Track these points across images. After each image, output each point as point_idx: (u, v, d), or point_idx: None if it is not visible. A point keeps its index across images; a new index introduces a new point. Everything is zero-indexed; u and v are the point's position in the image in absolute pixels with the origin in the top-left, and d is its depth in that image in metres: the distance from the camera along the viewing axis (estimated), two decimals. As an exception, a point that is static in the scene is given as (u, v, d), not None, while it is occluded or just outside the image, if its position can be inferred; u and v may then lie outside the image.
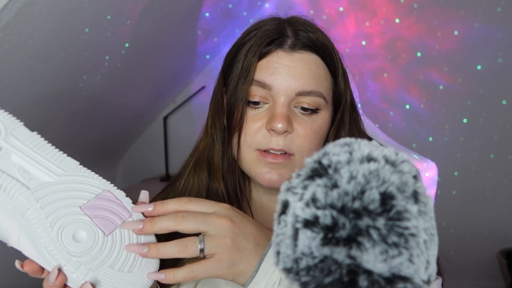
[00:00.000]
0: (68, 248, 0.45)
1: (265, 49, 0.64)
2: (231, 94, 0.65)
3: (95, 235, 0.47)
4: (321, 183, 0.31)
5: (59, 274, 0.44)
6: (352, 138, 0.34)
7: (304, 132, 0.63)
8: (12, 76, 1.26)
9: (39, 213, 0.45)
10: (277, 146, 0.62)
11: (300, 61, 0.63)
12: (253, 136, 0.64)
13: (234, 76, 0.65)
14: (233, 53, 0.68)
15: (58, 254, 0.45)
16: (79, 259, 0.45)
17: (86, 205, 0.48)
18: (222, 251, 0.48)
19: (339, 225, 0.30)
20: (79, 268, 0.45)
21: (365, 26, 2.48)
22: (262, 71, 0.63)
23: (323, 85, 0.65)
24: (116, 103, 2.03)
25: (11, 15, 1.06)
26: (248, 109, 0.64)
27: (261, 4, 2.47)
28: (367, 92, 2.52)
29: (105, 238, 0.47)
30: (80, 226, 0.47)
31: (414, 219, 0.30)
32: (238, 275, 0.49)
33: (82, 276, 0.45)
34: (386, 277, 0.29)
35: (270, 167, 0.63)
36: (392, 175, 0.31)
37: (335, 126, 0.69)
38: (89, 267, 0.45)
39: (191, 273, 0.47)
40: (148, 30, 1.74)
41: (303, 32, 0.65)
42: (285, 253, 0.32)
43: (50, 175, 0.49)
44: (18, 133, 0.50)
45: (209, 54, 2.50)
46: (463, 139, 2.51)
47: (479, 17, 2.37)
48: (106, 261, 0.46)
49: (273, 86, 0.63)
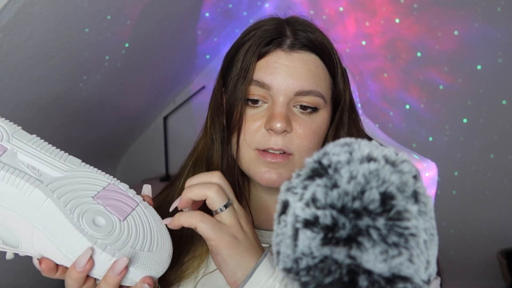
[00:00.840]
0: (91, 231, 0.47)
1: (264, 49, 0.64)
2: (230, 94, 0.65)
3: (112, 221, 0.49)
4: (321, 183, 0.31)
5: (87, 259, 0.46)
6: (352, 138, 0.34)
7: (303, 131, 0.63)
8: (12, 76, 1.26)
9: (57, 202, 0.47)
10: (276, 146, 0.62)
11: (299, 61, 0.63)
12: (252, 136, 0.64)
13: (233, 76, 0.65)
14: (232, 53, 0.68)
15: (83, 237, 0.46)
16: (104, 241, 0.47)
17: (98, 195, 0.51)
18: (234, 225, 0.52)
19: (339, 225, 0.30)
20: (106, 248, 0.46)
21: (365, 26, 2.48)
22: (261, 71, 0.63)
23: (322, 84, 0.65)
24: (116, 103, 2.03)
25: (11, 15, 1.06)
26: (247, 108, 0.64)
27: (261, 4, 2.48)
28: (367, 92, 2.52)
29: (121, 223, 0.50)
30: (97, 213, 0.49)
31: (414, 219, 0.30)
32: (231, 256, 0.51)
33: (109, 255, 0.46)
34: (386, 277, 0.29)
35: (269, 167, 0.64)
36: (392, 175, 0.31)
37: (334, 126, 0.69)
38: (115, 248, 0.47)
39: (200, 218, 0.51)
40: (148, 30, 1.74)
41: (302, 32, 0.65)
42: (285, 253, 0.32)
43: (58, 171, 0.51)
44: (19, 135, 0.52)
45: (209, 54, 2.50)
46: (463, 139, 2.51)
47: (479, 17, 2.37)
48: (128, 242, 0.49)
49: (272, 85, 0.63)
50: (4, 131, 0.51)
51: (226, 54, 0.70)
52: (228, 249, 0.50)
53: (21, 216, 0.47)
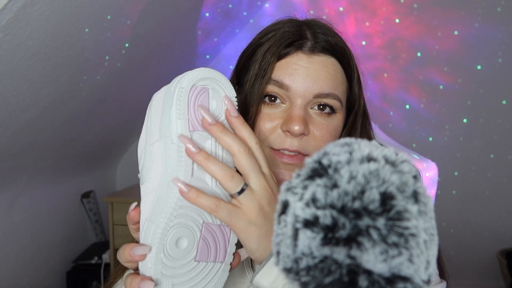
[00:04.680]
0: (166, 244, 0.46)
1: (284, 50, 0.64)
2: (247, 93, 0.65)
3: (189, 253, 0.48)
4: (321, 183, 0.31)
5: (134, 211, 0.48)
6: (352, 138, 0.34)
7: (320, 134, 0.64)
8: (12, 76, 1.26)
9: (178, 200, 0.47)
10: (292, 147, 0.62)
11: (319, 63, 0.64)
12: (267, 135, 0.64)
13: (251, 76, 0.65)
14: (249, 53, 0.68)
15: (157, 239, 0.46)
16: (163, 259, 0.46)
17: (206, 224, 0.49)
18: (252, 208, 0.49)
19: (339, 225, 0.30)
20: (157, 265, 0.46)
21: (365, 26, 2.48)
22: (281, 71, 0.64)
23: (340, 88, 0.65)
24: (116, 103, 2.03)
25: (11, 15, 1.06)
26: (264, 107, 0.65)
27: (261, 4, 2.48)
28: (367, 92, 2.51)
29: (192, 261, 0.48)
30: (189, 236, 0.48)
31: (414, 219, 0.30)
32: (247, 240, 0.49)
33: (152, 272, 0.46)
34: (386, 277, 0.29)
35: (285, 168, 0.64)
36: (392, 175, 0.31)
37: (346, 130, 0.69)
38: (163, 272, 0.46)
39: (214, 206, 0.47)
40: (148, 30, 1.74)
41: (322, 35, 0.65)
42: (285, 253, 0.32)
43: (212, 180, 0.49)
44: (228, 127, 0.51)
45: (209, 54, 2.50)
46: (463, 139, 2.51)
47: (479, 17, 2.37)
48: (176, 279, 0.47)
49: (291, 87, 0.63)
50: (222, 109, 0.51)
51: (242, 54, 0.70)
52: (244, 234, 0.49)
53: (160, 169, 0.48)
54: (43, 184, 2.01)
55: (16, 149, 1.57)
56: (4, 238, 1.76)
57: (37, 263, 2.00)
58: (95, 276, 2.18)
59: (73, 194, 2.32)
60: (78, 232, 2.38)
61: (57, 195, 2.18)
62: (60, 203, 2.21)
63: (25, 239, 1.90)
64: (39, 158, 1.80)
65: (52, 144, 1.79)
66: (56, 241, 2.18)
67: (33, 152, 1.70)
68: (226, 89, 0.52)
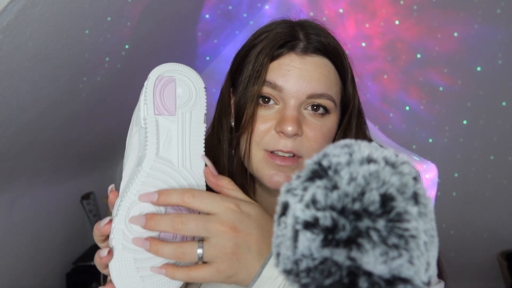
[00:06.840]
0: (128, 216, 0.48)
1: (277, 52, 0.64)
2: (241, 95, 0.65)
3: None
4: (321, 184, 0.31)
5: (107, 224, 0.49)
6: (352, 140, 0.34)
7: (313, 134, 0.64)
8: (12, 76, 1.26)
9: (144, 175, 0.49)
10: (286, 148, 0.62)
11: (312, 64, 0.64)
12: (262, 137, 0.64)
13: (245, 77, 0.65)
14: (243, 54, 0.68)
15: (119, 210, 0.48)
16: (125, 230, 0.48)
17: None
18: (221, 261, 0.46)
19: (339, 227, 0.30)
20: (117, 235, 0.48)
21: (365, 27, 2.48)
22: (274, 73, 0.64)
23: (333, 89, 0.65)
24: (116, 104, 2.03)
25: (11, 16, 1.06)
26: (258, 108, 0.65)
27: (261, 5, 2.48)
28: (367, 94, 2.52)
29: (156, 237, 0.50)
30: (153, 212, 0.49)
31: (414, 221, 0.30)
32: (237, 283, 0.48)
33: (114, 242, 0.48)
34: (386, 279, 0.29)
35: (278, 170, 0.64)
36: (392, 177, 0.31)
37: (341, 130, 0.69)
38: (124, 244, 0.48)
39: (188, 277, 0.47)
40: (148, 32, 1.74)
41: (315, 36, 0.65)
42: (285, 254, 0.32)
43: (179, 161, 0.52)
44: (196, 113, 0.54)
45: (209, 56, 2.50)
46: (463, 140, 2.51)
47: (479, 19, 2.37)
48: (139, 254, 0.48)
49: (284, 88, 0.63)
50: (194, 97, 0.54)
51: (236, 55, 0.70)
52: (230, 280, 0.48)
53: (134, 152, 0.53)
54: (43, 185, 2.01)
55: (16, 149, 1.57)
56: (3, 238, 1.76)
57: (36, 265, 2.00)
58: (95, 278, 2.18)
59: (73, 195, 2.32)
60: (78, 234, 2.38)
61: (57, 196, 2.18)
62: (60, 204, 2.20)
63: (24, 240, 1.90)
64: (39, 158, 1.80)
65: (52, 145, 1.79)
66: (56, 242, 2.17)
67: (33, 152, 1.70)
68: (193, 79, 0.56)
